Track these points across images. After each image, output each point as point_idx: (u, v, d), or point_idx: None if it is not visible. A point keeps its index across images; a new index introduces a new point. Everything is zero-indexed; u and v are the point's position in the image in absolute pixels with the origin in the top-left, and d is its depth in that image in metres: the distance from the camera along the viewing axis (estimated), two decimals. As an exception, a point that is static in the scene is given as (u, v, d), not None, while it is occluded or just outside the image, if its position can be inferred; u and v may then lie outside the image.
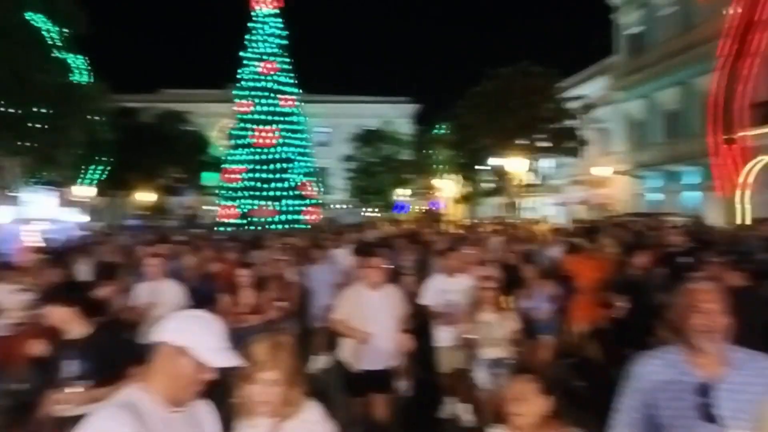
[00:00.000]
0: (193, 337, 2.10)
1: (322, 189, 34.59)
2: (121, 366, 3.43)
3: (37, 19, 19.60)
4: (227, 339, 2.20)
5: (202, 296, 5.79)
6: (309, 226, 24.37)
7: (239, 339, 2.41)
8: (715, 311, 2.37)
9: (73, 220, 21.72)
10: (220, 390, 2.72)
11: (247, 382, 2.47)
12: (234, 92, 32.47)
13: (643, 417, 2.53)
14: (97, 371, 3.45)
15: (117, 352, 3.55)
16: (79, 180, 27.25)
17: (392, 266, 6.81)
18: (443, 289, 6.12)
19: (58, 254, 10.63)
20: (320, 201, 32.98)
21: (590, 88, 31.12)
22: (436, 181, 38.58)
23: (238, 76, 31.80)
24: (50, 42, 20.20)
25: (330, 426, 2.61)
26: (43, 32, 19.82)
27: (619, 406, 2.62)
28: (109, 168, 29.34)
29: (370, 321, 5.09)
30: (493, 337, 5.28)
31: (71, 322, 3.68)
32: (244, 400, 2.52)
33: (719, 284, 2.63)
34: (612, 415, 2.64)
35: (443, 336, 6.06)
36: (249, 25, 31.21)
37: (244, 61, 31.17)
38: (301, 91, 33.20)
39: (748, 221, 17.78)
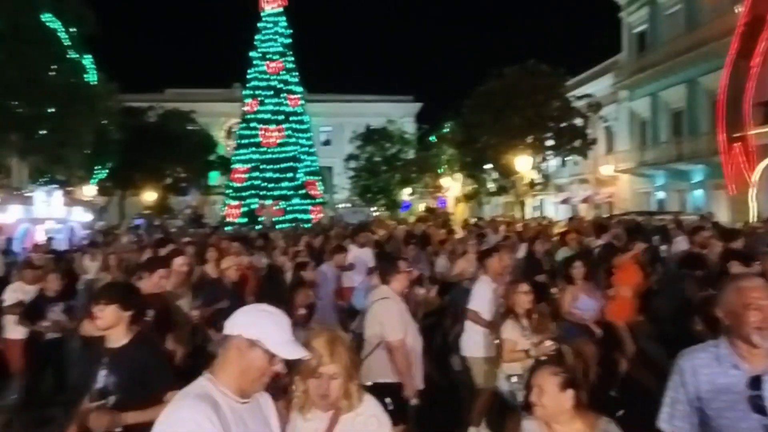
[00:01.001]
0: (264, 330, 2.16)
1: (326, 188, 34.67)
2: (149, 387, 3.21)
3: (47, 19, 19.69)
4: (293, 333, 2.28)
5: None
6: (310, 225, 24.39)
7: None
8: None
9: (80, 220, 21.74)
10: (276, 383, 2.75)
11: (306, 376, 2.52)
12: (243, 92, 32.60)
13: (690, 410, 2.58)
14: (123, 388, 3.16)
15: (148, 371, 3.26)
16: (87, 179, 27.35)
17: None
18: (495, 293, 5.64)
19: (65, 254, 10.72)
20: (325, 200, 33.09)
21: (596, 86, 31.17)
22: (441, 180, 38.64)
23: (246, 76, 31.89)
24: (59, 42, 20.28)
25: (387, 419, 2.66)
26: (53, 32, 19.89)
27: (666, 399, 2.67)
28: (115, 167, 29.44)
29: (414, 335, 4.75)
30: (527, 348, 4.87)
31: (117, 327, 3.35)
32: (302, 393, 2.56)
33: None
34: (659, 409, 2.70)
35: (477, 345, 5.64)
36: (258, 25, 31.31)
37: (254, 61, 31.26)
38: (304, 90, 33.30)
39: (757, 219, 17.82)
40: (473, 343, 5.72)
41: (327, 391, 2.49)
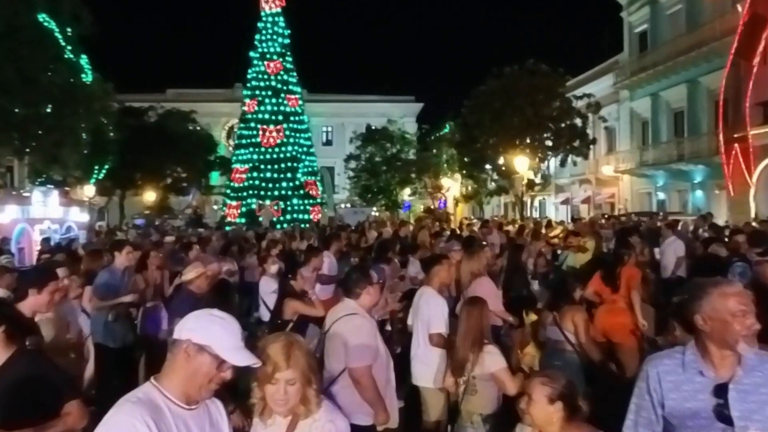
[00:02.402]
0: (214, 335, 2.13)
1: (326, 188, 34.65)
2: (42, 402, 2.94)
3: (43, 20, 19.72)
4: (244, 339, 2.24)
5: None
6: (306, 226, 24.30)
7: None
8: (752, 314, 2.36)
9: (77, 220, 21.77)
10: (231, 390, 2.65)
11: (263, 382, 2.48)
12: (243, 92, 32.67)
13: (655, 417, 2.53)
14: (8, 409, 2.86)
15: (35, 386, 2.95)
16: (85, 179, 27.39)
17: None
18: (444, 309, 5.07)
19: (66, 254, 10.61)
20: (324, 200, 33.07)
21: (597, 86, 31.10)
22: (441, 180, 38.62)
23: (246, 76, 31.93)
24: (56, 42, 20.31)
25: (345, 425, 2.62)
26: (49, 32, 19.92)
27: (631, 406, 2.62)
28: (114, 167, 29.50)
29: (385, 363, 4.18)
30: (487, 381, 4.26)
31: None
32: (260, 400, 2.53)
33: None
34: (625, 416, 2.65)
35: (432, 373, 4.94)
36: (258, 25, 31.34)
37: (254, 61, 31.28)
38: (305, 90, 33.28)
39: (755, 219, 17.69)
40: (430, 371, 4.97)
41: (284, 397, 2.46)
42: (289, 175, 30.40)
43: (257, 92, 31.07)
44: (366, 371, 3.83)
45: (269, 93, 30.86)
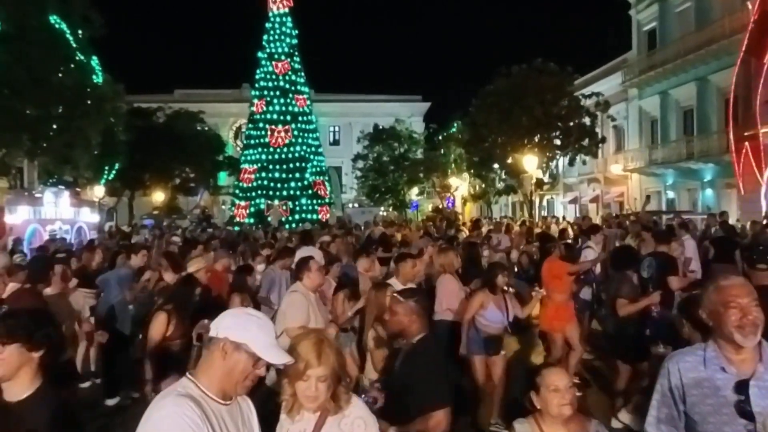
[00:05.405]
0: (250, 333, 2.19)
1: (333, 188, 34.71)
2: None
3: (54, 21, 19.88)
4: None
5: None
6: (315, 226, 24.30)
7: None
8: (750, 306, 2.40)
9: (88, 221, 21.96)
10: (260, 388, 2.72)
11: (295, 379, 2.53)
12: (251, 92, 32.77)
13: (677, 414, 2.56)
14: None
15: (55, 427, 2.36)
16: (95, 180, 27.58)
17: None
18: None
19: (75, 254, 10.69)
20: (332, 200, 33.14)
21: (606, 85, 30.99)
22: (448, 180, 38.62)
23: (254, 76, 32.03)
24: (67, 44, 20.47)
25: (374, 421, 2.67)
26: (60, 34, 20.08)
27: (653, 402, 2.65)
28: (123, 168, 29.69)
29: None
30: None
31: (20, 375, 2.41)
32: (290, 397, 2.57)
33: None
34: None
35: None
36: (266, 25, 31.43)
37: (262, 62, 31.38)
38: (312, 90, 33.34)
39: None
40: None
41: (315, 394, 2.50)
42: (297, 175, 30.48)
43: (265, 92, 31.16)
44: (295, 331, 4.57)
45: (277, 93, 30.94)
